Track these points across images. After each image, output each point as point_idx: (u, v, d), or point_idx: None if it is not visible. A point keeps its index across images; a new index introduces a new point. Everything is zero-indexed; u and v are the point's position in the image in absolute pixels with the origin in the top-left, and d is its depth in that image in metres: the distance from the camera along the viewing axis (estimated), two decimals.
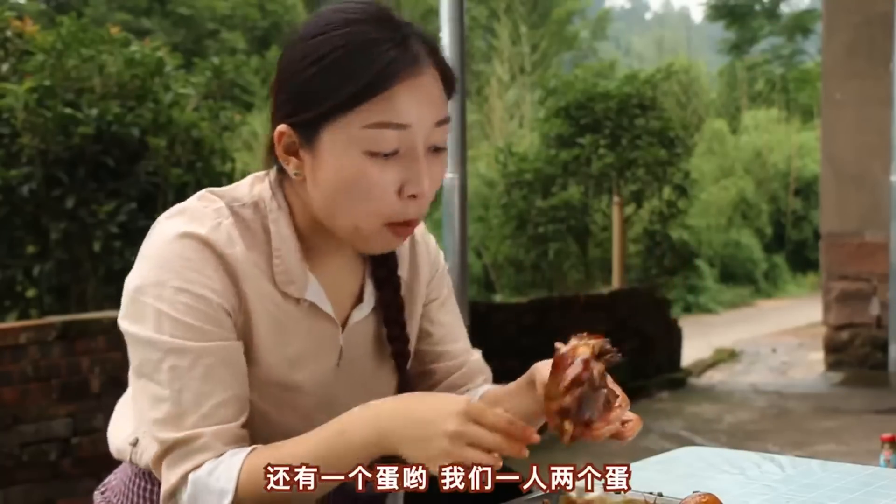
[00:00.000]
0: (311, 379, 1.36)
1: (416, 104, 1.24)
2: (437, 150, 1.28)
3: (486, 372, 1.59)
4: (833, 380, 7.92)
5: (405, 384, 1.46)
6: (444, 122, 1.28)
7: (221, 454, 1.24)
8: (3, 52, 6.28)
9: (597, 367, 1.23)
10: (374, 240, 1.30)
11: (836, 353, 8.18)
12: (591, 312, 7.02)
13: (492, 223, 10.57)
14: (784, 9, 20.61)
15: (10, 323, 4.74)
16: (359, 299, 1.41)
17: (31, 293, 5.76)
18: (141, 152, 5.84)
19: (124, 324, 1.28)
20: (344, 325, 1.39)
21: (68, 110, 5.64)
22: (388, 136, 1.23)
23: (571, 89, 10.26)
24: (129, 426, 1.40)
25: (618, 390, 1.28)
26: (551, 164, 9.91)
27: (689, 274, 12.81)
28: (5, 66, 6.18)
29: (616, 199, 9.37)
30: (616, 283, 8.85)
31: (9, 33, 6.34)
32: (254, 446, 1.26)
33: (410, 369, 1.53)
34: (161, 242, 1.27)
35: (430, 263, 1.52)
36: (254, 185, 1.36)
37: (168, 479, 1.24)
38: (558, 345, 1.26)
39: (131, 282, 1.28)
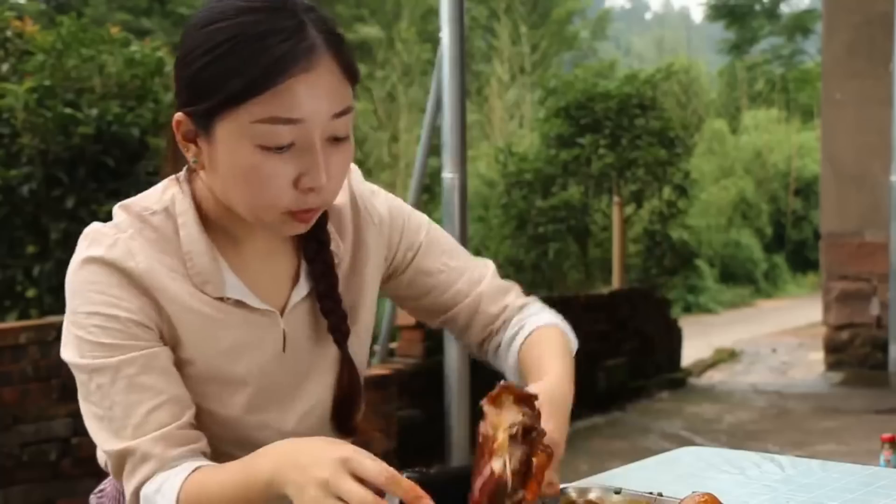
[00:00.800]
0: (254, 369, 1.35)
1: (309, 98, 1.21)
2: (337, 139, 1.25)
3: (506, 290, 1.54)
4: (833, 380, 7.92)
5: (346, 361, 1.43)
6: (344, 112, 1.25)
7: (173, 465, 1.24)
8: (3, 52, 6.28)
9: (515, 456, 1.13)
10: (276, 227, 1.28)
11: (836, 353, 8.18)
12: (591, 312, 7.02)
13: (492, 223, 10.58)
14: (784, 9, 20.62)
15: (10, 323, 4.74)
16: (296, 280, 1.40)
17: (31, 293, 5.76)
18: (141, 152, 5.84)
19: (62, 353, 1.32)
20: (283, 308, 1.38)
21: (68, 110, 5.64)
22: (281, 131, 1.20)
23: (571, 89, 10.25)
24: None
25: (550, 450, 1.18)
26: (551, 164, 9.90)
27: (689, 274, 12.81)
28: (5, 66, 6.19)
29: (616, 199, 9.37)
30: (616, 283, 8.84)
31: (9, 33, 6.34)
32: (197, 465, 1.25)
33: (435, 325, 1.55)
34: (71, 272, 1.31)
35: (381, 231, 1.47)
36: (166, 190, 1.35)
37: (126, 494, 1.27)
38: (482, 425, 1.16)
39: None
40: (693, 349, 8.95)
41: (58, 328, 4.01)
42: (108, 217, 1.35)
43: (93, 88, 5.86)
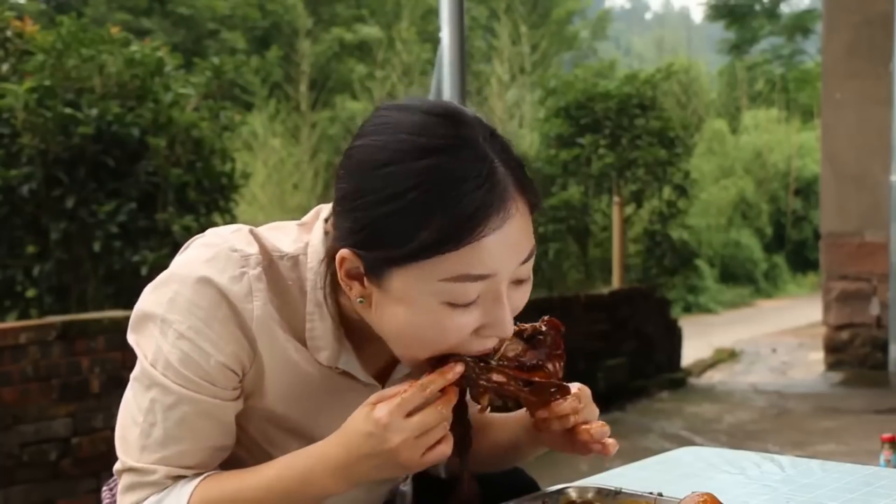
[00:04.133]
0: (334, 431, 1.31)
1: (502, 251, 1.12)
2: (520, 281, 1.19)
3: None
4: (833, 380, 7.92)
5: None
6: (530, 256, 1.18)
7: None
8: (3, 52, 6.29)
9: (513, 344, 1.20)
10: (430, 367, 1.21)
11: (836, 353, 8.17)
12: (591, 312, 7.01)
13: None
14: (784, 9, 20.61)
15: (10, 323, 4.74)
16: None
17: (31, 293, 5.76)
18: (141, 152, 5.85)
19: (130, 337, 1.27)
20: (384, 379, 1.32)
21: (68, 110, 5.64)
22: (470, 289, 1.12)
23: (571, 89, 10.25)
24: None
25: (572, 388, 1.25)
26: (551, 164, 9.90)
27: (689, 274, 12.80)
28: (5, 66, 6.19)
29: (616, 199, 9.37)
30: (616, 283, 8.84)
31: (9, 33, 6.35)
32: (206, 474, 1.24)
33: None
34: (179, 276, 1.22)
35: None
36: (300, 236, 1.26)
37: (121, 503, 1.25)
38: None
39: (144, 302, 1.25)
40: (693, 349, 8.94)
41: (58, 328, 3.98)
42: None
43: (93, 88, 5.87)
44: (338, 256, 1.17)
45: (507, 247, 1.13)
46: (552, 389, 1.22)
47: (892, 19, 6.95)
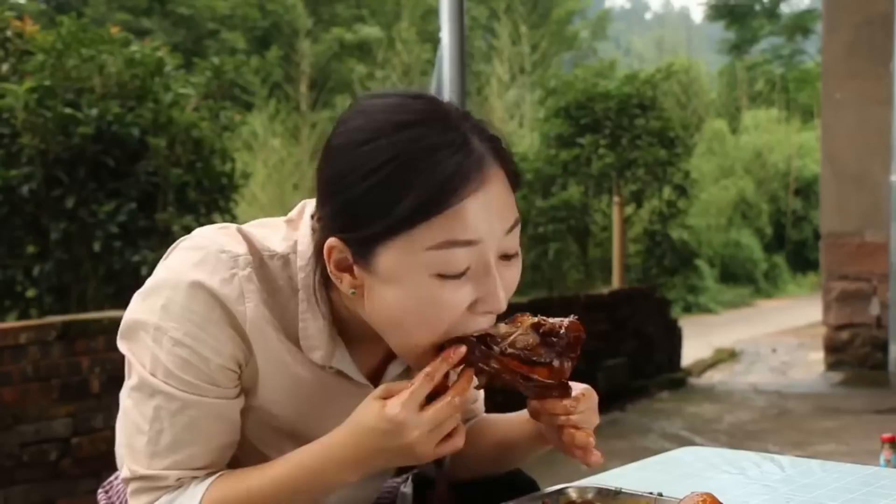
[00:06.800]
0: (328, 431, 1.29)
1: (485, 216, 1.12)
2: (507, 257, 1.18)
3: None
4: (833, 380, 7.92)
5: None
6: (515, 226, 1.17)
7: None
8: (3, 52, 6.28)
9: (525, 336, 1.19)
10: (431, 356, 1.19)
11: (836, 353, 8.17)
12: (591, 312, 7.01)
13: None
14: (784, 9, 20.60)
15: (10, 323, 4.74)
16: (395, 353, 1.32)
17: (31, 293, 5.76)
18: (141, 152, 5.84)
19: (123, 346, 1.26)
20: (377, 379, 1.32)
21: (68, 110, 5.64)
22: (458, 256, 1.12)
23: (571, 89, 10.25)
24: None
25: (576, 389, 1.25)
26: (551, 164, 9.90)
27: (689, 274, 12.80)
28: (5, 66, 6.19)
29: (616, 199, 9.37)
30: (616, 283, 8.84)
31: (9, 33, 6.34)
32: (219, 473, 1.24)
33: None
34: (170, 282, 1.22)
35: None
36: (288, 234, 1.26)
37: None
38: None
39: (134, 311, 1.25)
40: (693, 349, 8.94)
41: (58, 328, 3.98)
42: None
43: (93, 88, 5.86)
44: (325, 247, 1.17)
45: (488, 212, 1.13)
46: (552, 391, 1.22)
47: (892, 19, 6.95)
